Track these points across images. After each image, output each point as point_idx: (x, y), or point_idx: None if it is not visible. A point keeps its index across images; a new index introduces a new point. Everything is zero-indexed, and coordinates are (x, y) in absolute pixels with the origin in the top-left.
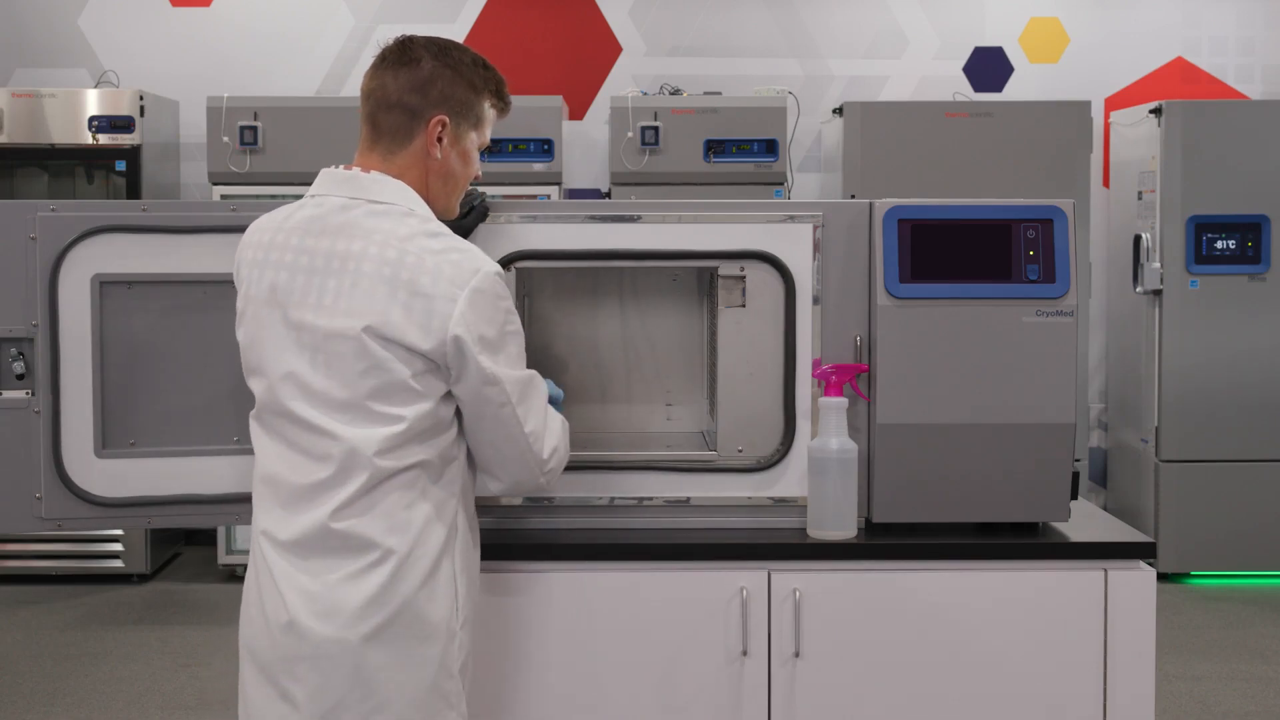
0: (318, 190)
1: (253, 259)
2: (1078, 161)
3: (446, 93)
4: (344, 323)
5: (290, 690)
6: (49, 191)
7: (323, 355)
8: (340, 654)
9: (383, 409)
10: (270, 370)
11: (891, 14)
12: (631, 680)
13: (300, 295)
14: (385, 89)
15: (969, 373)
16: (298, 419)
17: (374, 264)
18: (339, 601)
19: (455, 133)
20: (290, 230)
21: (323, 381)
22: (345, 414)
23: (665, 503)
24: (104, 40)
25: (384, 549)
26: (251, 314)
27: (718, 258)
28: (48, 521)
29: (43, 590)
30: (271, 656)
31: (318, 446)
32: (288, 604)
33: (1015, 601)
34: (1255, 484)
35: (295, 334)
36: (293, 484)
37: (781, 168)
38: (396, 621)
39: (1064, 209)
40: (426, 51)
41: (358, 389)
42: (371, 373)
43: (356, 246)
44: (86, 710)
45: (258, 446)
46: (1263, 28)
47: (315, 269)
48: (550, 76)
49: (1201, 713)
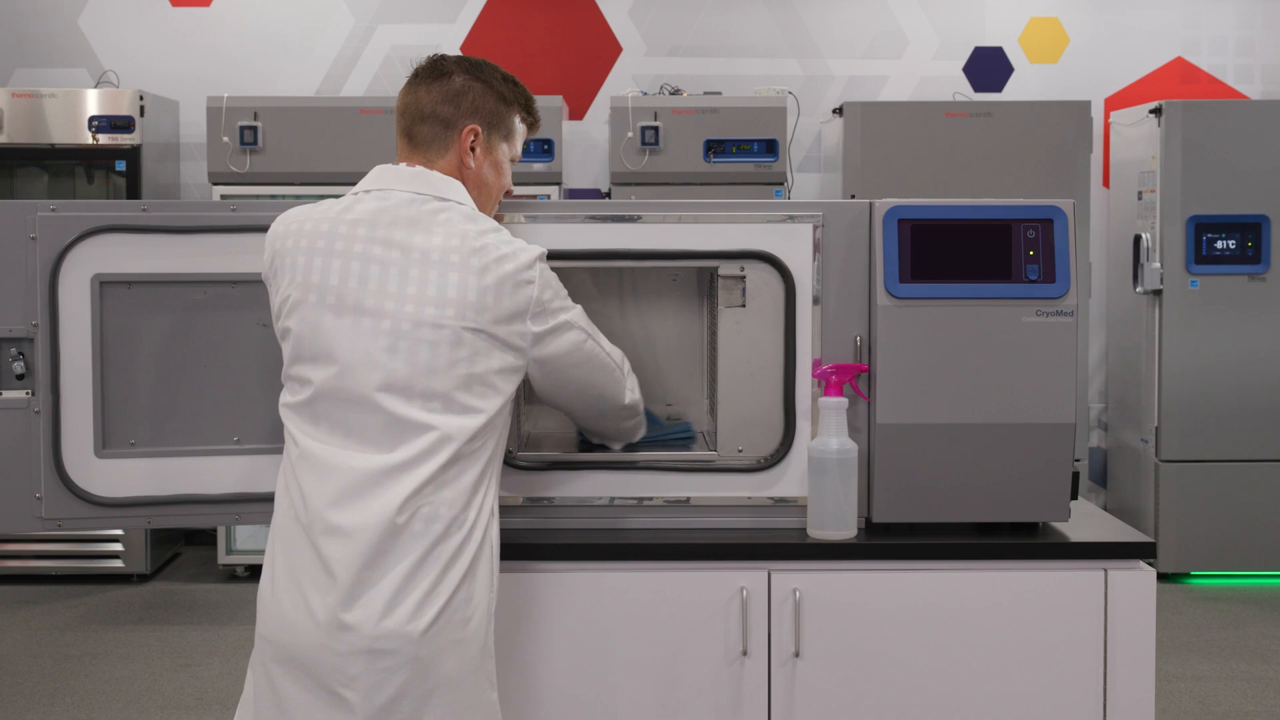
0: (376, 185)
1: (309, 247)
2: (1078, 161)
3: (478, 104)
4: (434, 312)
5: (341, 693)
6: (49, 191)
7: (406, 343)
8: (401, 647)
9: (465, 399)
10: (339, 357)
11: (891, 14)
12: (631, 680)
13: (379, 284)
14: (419, 102)
15: (969, 373)
16: (372, 405)
17: (460, 256)
18: (399, 594)
19: (488, 143)
20: (355, 222)
21: (404, 369)
22: (424, 402)
23: (665, 503)
24: (104, 40)
25: (443, 539)
26: (312, 302)
27: (718, 258)
28: (48, 521)
29: (43, 590)
30: (319, 655)
31: (392, 434)
32: (348, 598)
33: (1015, 601)
34: (1255, 484)
35: (373, 321)
36: (357, 470)
37: (781, 168)
38: (450, 606)
39: (1064, 209)
40: (457, 67)
41: (444, 379)
42: (459, 364)
43: (436, 240)
44: (86, 710)
45: (302, 435)
46: (1262, 28)
47: (391, 261)
48: (550, 76)
49: (1201, 713)
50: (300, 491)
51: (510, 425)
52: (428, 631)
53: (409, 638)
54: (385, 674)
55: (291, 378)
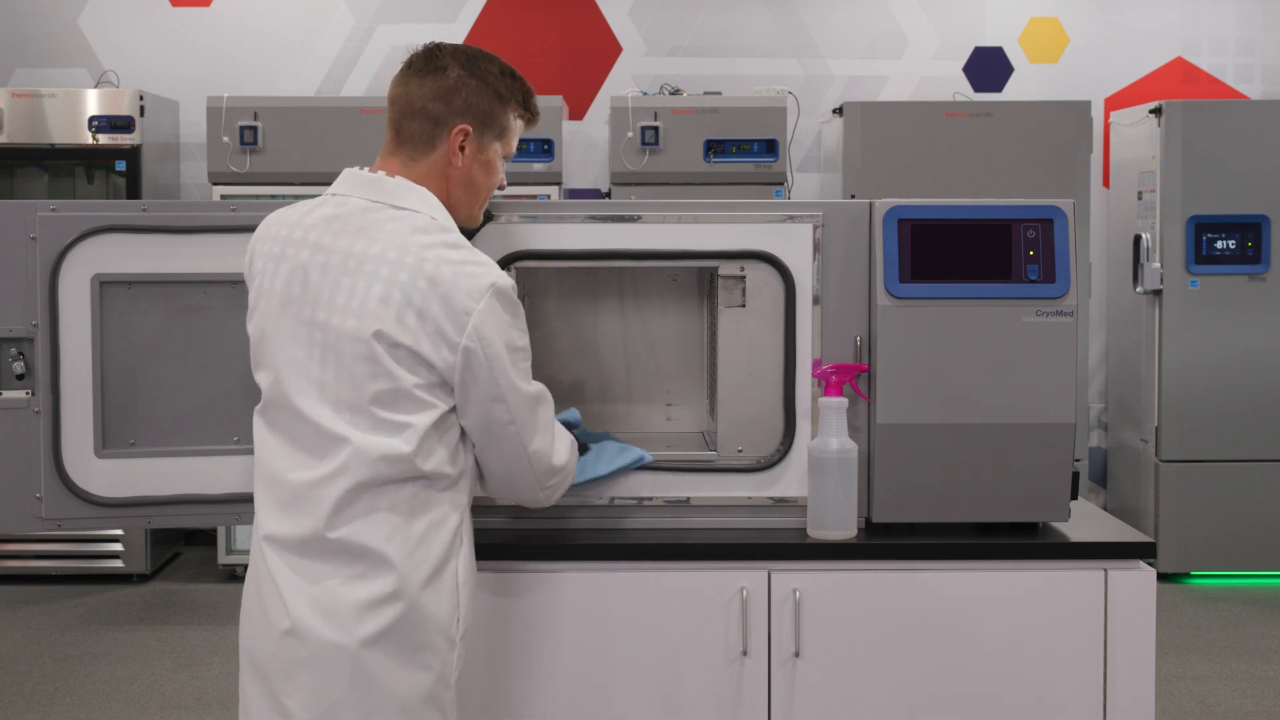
0: (339, 190)
1: (268, 252)
2: (1078, 161)
3: (471, 102)
4: (355, 324)
5: (284, 701)
6: (49, 191)
7: (333, 355)
8: (339, 658)
9: (388, 415)
10: (278, 365)
11: (891, 14)
12: (631, 680)
13: (315, 292)
14: (410, 96)
15: (969, 373)
16: (302, 416)
17: (391, 269)
18: (338, 605)
19: (478, 142)
20: (309, 226)
21: (331, 381)
22: (350, 416)
23: (665, 503)
24: (104, 40)
25: (381, 556)
26: (264, 307)
27: (718, 258)
28: (48, 521)
29: (43, 590)
30: (271, 663)
31: (320, 445)
32: (289, 609)
33: (1015, 601)
34: (1255, 484)
35: (307, 330)
36: (291, 482)
37: (781, 168)
38: (397, 627)
39: (1064, 209)
40: (453, 60)
41: (364, 392)
42: (379, 378)
43: (375, 249)
44: (86, 710)
45: (259, 442)
46: (1262, 28)
47: (331, 267)
48: (550, 76)
49: (1201, 713)
50: (260, 498)
51: None
52: (369, 645)
53: (344, 649)
54: (323, 684)
55: (256, 383)
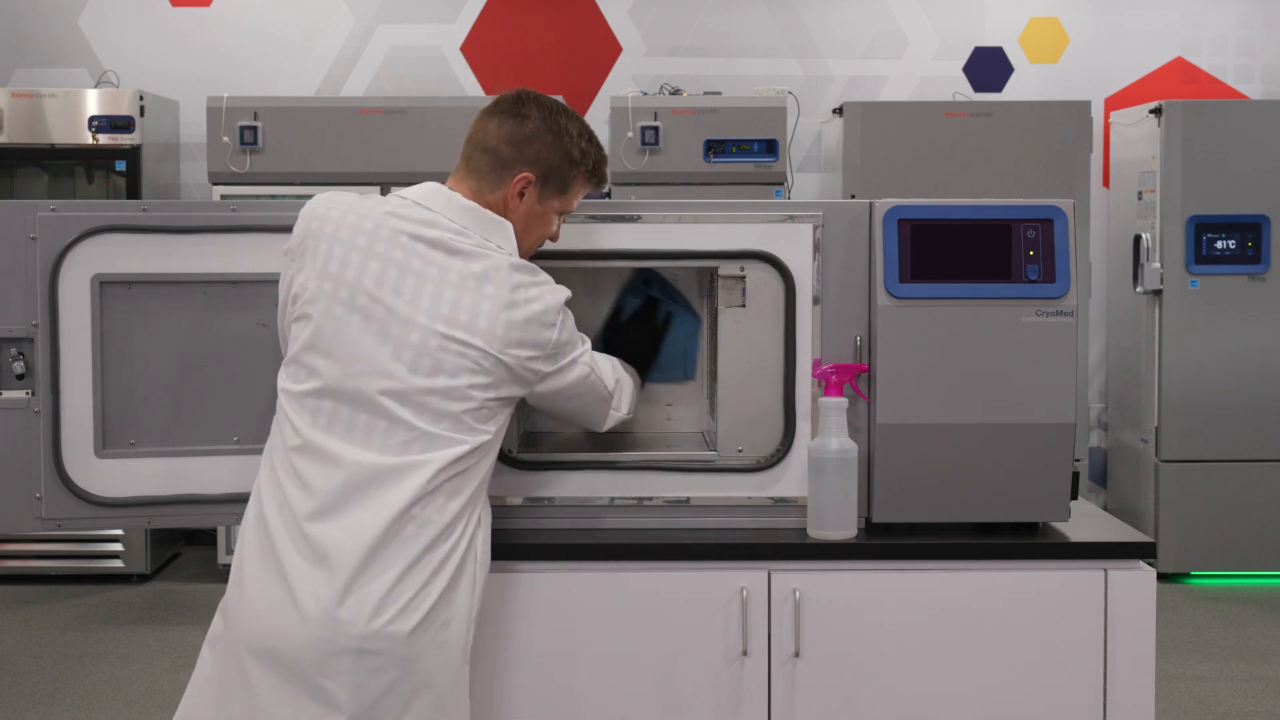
0: (433, 205)
1: (348, 240)
2: (1078, 161)
3: (542, 154)
4: (462, 335)
5: (327, 687)
6: (49, 191)
7: (428, 359)
8: (389, 647)
9: (471, 421)
10: (361, 357)
11: (891, 14)
12: (631, 680)
13: (412, 295)
14: (487, 134)
15: (969, 373)
16: (383, 409)
17: (495, 287)
18: (391, 595)
19: (538, 193)
20: (399, 229)
21: (422, 383)
22: (436, 418)
23: (665, 503)
24: (104, 40)
25: (435, 542)
26: (344, 296)
27: (718, 258)
28: (48, 521)
29: (43, 590)
30: (304, 653)
31: (398, 438)
32: (333, 593)
33: (1015, 601)
34: (1255, 484)
35: (401, 330)
36: (363, 466)
37: (781, 168)
38: (435, 609)
39: (1064, 209)
40: (537, 109)
41: (459, 400)
42: (476, 389)
43: (476, 268)
44: (86, 710)
45: (306, 424)
46: (1262, 28)
47: (429, 276)
48: (550, 76)
49: (1201, 713)
50: (300, 480)
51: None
52: (414, 632)
53: (396, 638)
54: (372, 673)
55: (299, 363)
